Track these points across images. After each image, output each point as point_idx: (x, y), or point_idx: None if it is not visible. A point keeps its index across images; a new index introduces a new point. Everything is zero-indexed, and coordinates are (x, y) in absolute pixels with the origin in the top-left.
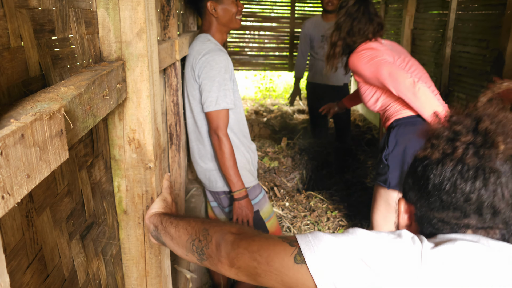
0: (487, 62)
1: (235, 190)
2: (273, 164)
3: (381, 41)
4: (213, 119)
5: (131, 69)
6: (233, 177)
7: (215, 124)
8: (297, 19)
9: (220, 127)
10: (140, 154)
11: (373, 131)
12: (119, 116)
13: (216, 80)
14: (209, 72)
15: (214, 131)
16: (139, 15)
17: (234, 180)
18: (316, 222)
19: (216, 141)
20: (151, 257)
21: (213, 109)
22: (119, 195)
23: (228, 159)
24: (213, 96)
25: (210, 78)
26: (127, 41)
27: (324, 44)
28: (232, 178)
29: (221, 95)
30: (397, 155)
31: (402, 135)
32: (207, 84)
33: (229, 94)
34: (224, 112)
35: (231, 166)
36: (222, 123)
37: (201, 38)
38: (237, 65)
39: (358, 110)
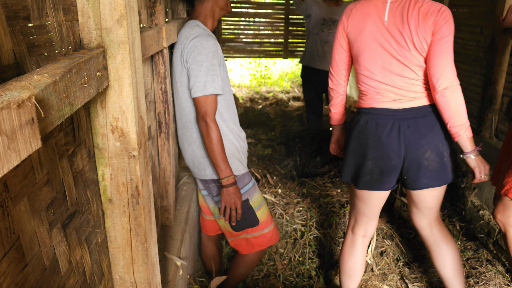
0: (481, 48)
1: (223, 177)
2: (267, 151)
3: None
4: (201, 104)
5: (112, 57)
6: (221, 164)
7: (203, 110)
8: (292, 5)
9: (208, 113)
10: (123, 143)
11: None
12: (101, 104)
13: (204, 65)
14: (196, 57)
15: (202, 117)
16: (118, 1)
17: (222, 166)
18: (309, 209)
19: (204, 127)
20: (137, 245)
21: (200, 94)
22: (104, 183)
23: (216, 145)
24: (201, 81)
25: (198, 62)
26: (108, 28)
27: (324, 27)
28: (219, 165)
29: (209, 80)
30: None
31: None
32: (194, 69)
33: (217, 80)
34: (212, 97)
35: (218, 152)
36: (210, 108)
37: (190, 24)
38: (231, 52)
39: (353, 97)
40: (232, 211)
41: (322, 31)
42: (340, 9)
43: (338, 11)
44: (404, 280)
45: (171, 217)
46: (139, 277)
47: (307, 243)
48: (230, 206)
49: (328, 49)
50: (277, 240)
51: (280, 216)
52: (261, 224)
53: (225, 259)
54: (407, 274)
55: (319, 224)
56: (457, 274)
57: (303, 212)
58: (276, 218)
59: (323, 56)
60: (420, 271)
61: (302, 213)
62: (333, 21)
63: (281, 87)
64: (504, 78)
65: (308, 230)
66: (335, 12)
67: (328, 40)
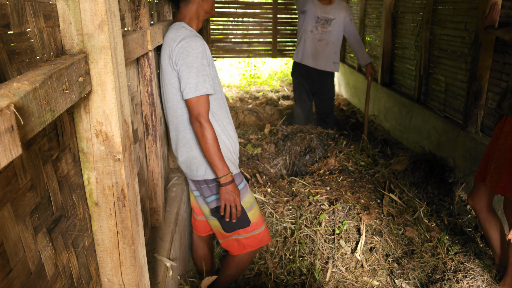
0: (465, 44)
1: (220, 175)
2: (256, 151)
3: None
4: (194, 105)
5: (94, 62)
6: (218, 163)
7: (196, 111)
8: (280, 4)
9: (201, 114)
10: (108, 146)
11: (357, 115)
12: (85, 109)
13: (194, 66)
14: (186, 59)
15: (195, 118)
16: (99, 6)
17: (219, 165)
18: (298, 207)
19: (198, 127)
20: (125, 247)
21: (193, 95)
22: (89, 187)
23: (212, 145)
24: (192, 82)
25: (188, 64)
26: (89, 34)
27: (318, 26)
28: (217, 164)
29: (200, 81)
30: None
31: None
32: (185, 71)
33: (208, 80)
34: (204, 98)
35: (215, 152)
36: (203, 109)
37: (176, 26)
38: (221, 52)
39: (342, 94)
40: (232, 209)
41: (316, 29)
42: (333, 8)
43: (331, 10)
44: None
45: (160, 219)
46: (127, 279)
47: (297, 241)
48: (230, 204)
49: (320, 47)
50: (268, 241)
51: (270, 215)
52: (252, 225)
53: (216, 259)
54: (396, 270)
55: (309, 222)
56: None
57: (292, 211)
58: (266, 217)
59: (315, 54)
60: (409, 267)
61: (291, 212)
62: (326, 20)
63: (270, 86)
64: (489, 73)
65: (298, 228)
66: (329, 11)
67: (322, 39)
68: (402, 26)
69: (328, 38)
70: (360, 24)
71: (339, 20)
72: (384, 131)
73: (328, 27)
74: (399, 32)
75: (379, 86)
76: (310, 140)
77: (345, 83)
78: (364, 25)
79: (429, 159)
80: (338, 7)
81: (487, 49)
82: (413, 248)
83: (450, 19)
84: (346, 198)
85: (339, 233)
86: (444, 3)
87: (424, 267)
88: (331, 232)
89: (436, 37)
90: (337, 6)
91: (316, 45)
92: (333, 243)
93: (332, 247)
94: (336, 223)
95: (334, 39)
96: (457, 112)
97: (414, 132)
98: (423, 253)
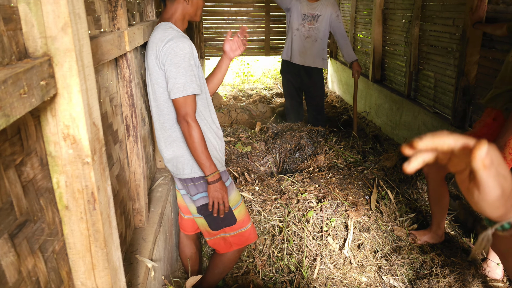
0: (454, 39)
1: (208, 173)
2: (246, 149)
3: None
4: (181, 105)
5: (59, 65)
6: (205, 161)
7: (183, 111)
8: (272, 2)
9: (188, 113)
10: (76, 150)
11: (350, 111)
12: (51, 112)
13: (182, 66)
14: (174, 59)
15: (183, 117)
16: (62, 9)
17: (206, 164)
18: (286, 205)
19: (186, 127)
20: (97, 250)
21: (180, 95)
22: (59, 191)
23: (199, 144)
24: (180, 82)
25: (175, 64)
26: (53, 36)
27: (304, 23)
28: (204, 162)
29: (188, 81)
30: None
31: None
32: (172, 71)
33: (195, 80)
34: (191, 97)
35: (202, 150)
36: (190, 108)
37: (162, 26)
38: (213, 51)
39: (335, 91)
40: (220, 206)
41: (303, 26)
42: (320, 4)
43: (318, 6)
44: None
45: (143, 219)
46: (100, 282)
47: (285, 239)
48: (218, 201)
49: (308, 44)
50: (255, 239)
51: (257, 213)
52: (239, 223)
53: (205, 258)
54: (384, 266)
55: (297, 219)
56: None
57: (280, 208)
58: (254, 215)
59: (303, 51)
60: (397, 263)
61: (279, 209)
62: (313, 16)
63: (264, 84)
64: (476, 69)
65: (286, 226)
66: (315, 7)
67: (309, 35)
68: (392, 23)
69: (316, 34)
70: (351, 21)
71: (326, 16)
72: (375, 127)
73: (315, 24)
74: (389, 28)
75: (370, 82)
76: (300, 138)
77: (338, 80)
78: (356, 22)
79: None
80: (325, 3)
81: (474, 45)
82: (401, 244)
83: (439, 15)
84: (335, 195)
85: (327, 230)
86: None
87: (412, 263)
88: (319, 229)
89: (426, 33)
90: (324, 2)
91: (304, 42)
92: (321, 240)
93: (320, 244)
94: (324, 220)
95: (322, 35)
96: (446, 107)
97: (405, 128)
98: (411, 250)
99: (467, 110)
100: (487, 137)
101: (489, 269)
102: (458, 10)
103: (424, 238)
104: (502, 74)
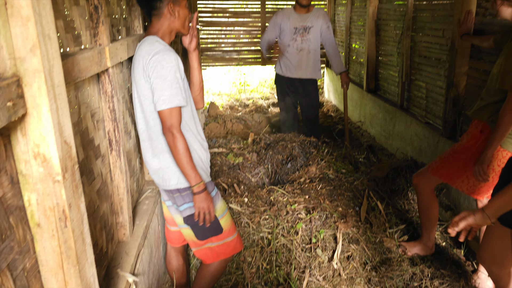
0: (443, 50)
1: (193, 184)
2: (238, 160)
3: None
4: (166, 117)
5: (28, 85)
6: (191, 172)
7: (169, 122)
8: (268, 13)
9: (174, 125)
10: (47, 168)
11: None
12: (21, 131)
13: (168, 79)
14: (160, 72)
15: (168, 129)
16: (30, 31)
17: (191, 174)
18: (275, 216)
19: (171, 138)
20: (69, 267)
21: (166, 107)
22: (31, 208)
23: (184, 155)
24: (166, 94)
25: (162, 77)
26: (21, 57)
27: (296, 37)
28: (189, 173)
29: (173, 93)
30: None
31: None
32: (158, 83)
33: (181, 92)
34: (176, 109)
35: (187, 161)
36: (175, 120)
37: (149, 40)
38: (210, 61)
39: (331, 101)
40: (206, 216)
41: (295, 40)
42: (311, 16)
43: (309, 18)
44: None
45: (127, 233)
46: None
47: (274, 251)
48: (204, 211)
49: (302, 57)
50: (241, 248)
51: (246, 225)
52: (225, 232)
53: (193, 270)
54: (374, 278)
55: (286, 231)
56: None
57: (269, 220)
58: (242, 227)
59: (298, 65)
60: (387, 276)
61: (268, 221)
62: (304, 29)
63: (260, 94)
64: (466, 80)
65: (275, 238)
66: (306, 19)
67: (303, 48)
68: (385, 34)
69: (309, 46)
70: (346, 31)
71: (317, 27)
72: (370, 137)
73: (307, 35)
74: (382, 39)
75: (364, 92)
76: (292, 149)
77: (334, 90)
78: (350, 32)
79: (410, 166)
80: (316, 15)
81: (463, 56)
82: (391, 256)
83: (429, 26)
84: (324, 206)
85: (316, 242)
86: (423, 11)
87: (402, 275)
88: (308, 241)
89: (417, 44)
90: (315, 14)
91: (298, 55)
92: (310, 252)
93: (309, 256)
94: (313, 232)
95: (314, 46)
96: (438, 118)
97: (398, 138)
98: (401, 262)
99: (458, 121)
100: (474, 149)
101: (480, 281)
102: (447, 21)
103: (414, 250)
104: (488, 86)
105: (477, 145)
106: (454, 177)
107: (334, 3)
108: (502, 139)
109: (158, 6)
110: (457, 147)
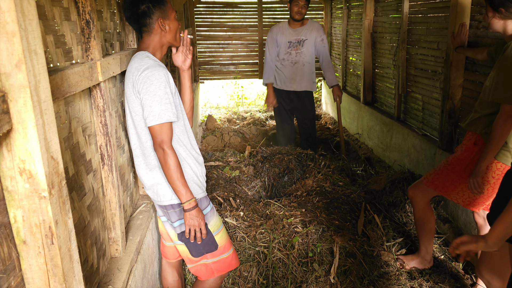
0: (439, 63)
1: (184, 201)
2: (234, 174)
3: None
4: (157, 133)
5: (13, 100)
6: (181, 188)
7: (159, 138)
8: (265, 26)
9: (164, 141)
10: (33, 184)
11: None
12: (7, 147)
13: (157, 94)
14: (149, 87)
15: (158, 145)
16: (15, 46)
17: (182, 191)
18: (271, 230)
19: (161, 154)
20: (56, 285)
21: (156, 123)
22: (16, 225)
23: (175, 171)
24: (155, 110)
25: (151, 93)
26: (7, 73)
27: (291, 50)
28: (180, 189)
29: (163, 109)
30: None
31: None
32: (148, 99)
33: (171, 108)
34: (167, 125)
35: (178, 178)
36: (166, 136)
37: (139, 56)
38: (207, 74)
39: (328, 113)
40: (197, 233)
41: (290, 54)
42: (305, 29)
43: (303, 31)
44: None
45: (120, 249)
46: None
47: (270, 265)
48: (194, 229)
49: (297, 70)
50: (237, 265)
51: (242, 239)
52: (220, 249)
53: (188, 286)
54: None
55: (282, 245)
56: None
57: (265, 234)
58: (238, 241)
59: (293, 78)
60: None
61: (264, 235)
62: (298, 42)
63: (258, 106)
64: (461, 92)
65: (271, 252)
66: (300, 32)
67: (297, 61)
68: (381, 46)
69: (304, 59)
70: (343, 44)
71: (311, 40)
72: (367, 149)
73: (301, 48)
74: (379, 51)
75: (362, 104)
76: (289, 162)
77: (331, 102)
78: (347, 45)
79: (407, 178)
80: (310, 28)
81: (458, 68)
82: (389, 270)
83: (424, 38)
84: (321, 219)
85: (313, 256)
86: (417, 24)
87: None
88: (304, 255)
89: (412, 56)
90: (309, 27)
91: (293, 69)
92: (307, 266)
93: (305, 270)
94: (309, 246)
95: (308, 59)
96: (434, 130)
97: (395, 150)
98: (399, 276)
99: (454, 133)
100: (468, 161)
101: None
102: (441, 34)
103: (412, 263)
104: (481, 98)
105: (471, 157)
106: (449, 189)
107: (331, 17)
108: (495, 152)
109: (148, 22)
110: (451, 159)
